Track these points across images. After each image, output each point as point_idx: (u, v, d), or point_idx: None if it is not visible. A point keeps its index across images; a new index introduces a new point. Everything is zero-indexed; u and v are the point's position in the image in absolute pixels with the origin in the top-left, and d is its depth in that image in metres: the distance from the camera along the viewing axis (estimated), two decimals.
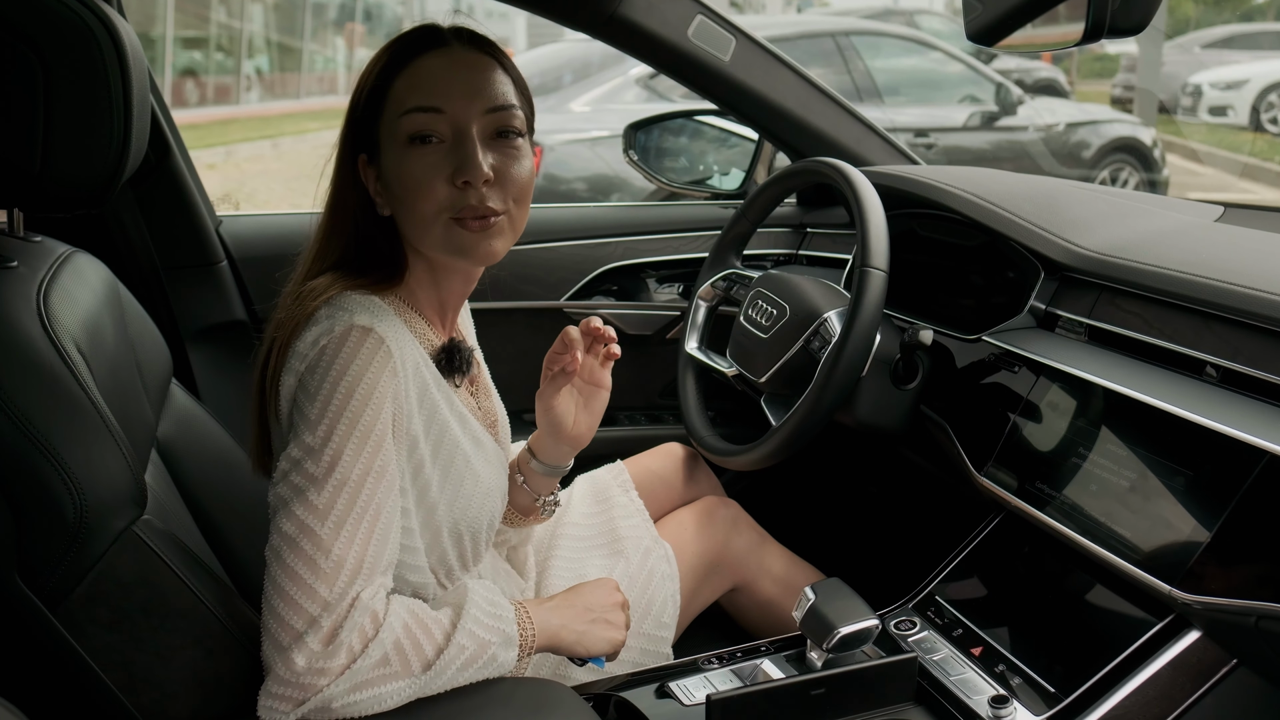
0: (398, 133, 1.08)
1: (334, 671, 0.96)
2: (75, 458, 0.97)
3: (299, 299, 1.10)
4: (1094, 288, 1.37)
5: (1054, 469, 1.26)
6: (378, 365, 1.04)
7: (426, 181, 1.07)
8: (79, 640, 0.99)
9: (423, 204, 1.08)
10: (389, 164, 1.10)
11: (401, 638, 0.99)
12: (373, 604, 0.99)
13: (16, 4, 0.99)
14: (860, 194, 1.44)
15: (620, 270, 2.04)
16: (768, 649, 1.27)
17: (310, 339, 1.04)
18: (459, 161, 1.07)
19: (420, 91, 1.08)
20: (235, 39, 14.66)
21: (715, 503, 1.62)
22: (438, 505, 1.14)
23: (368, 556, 1.00)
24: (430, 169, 1.07)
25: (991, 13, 1.16)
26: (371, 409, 1.02)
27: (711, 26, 1.74)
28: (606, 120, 4.94)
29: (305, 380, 1.03)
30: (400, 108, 1.08)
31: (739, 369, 1.63)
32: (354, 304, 1.07)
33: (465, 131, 1.08)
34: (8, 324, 1.00)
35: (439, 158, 1.08)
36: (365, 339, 1.04)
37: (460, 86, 1.09)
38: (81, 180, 1.04)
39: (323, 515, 0.99)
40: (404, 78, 1.09)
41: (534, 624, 1.12)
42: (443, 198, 1.08)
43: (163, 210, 1.76)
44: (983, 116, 6.01)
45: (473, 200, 1.08)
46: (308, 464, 1.01)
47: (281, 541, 1.00)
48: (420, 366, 1.11)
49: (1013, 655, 1.20)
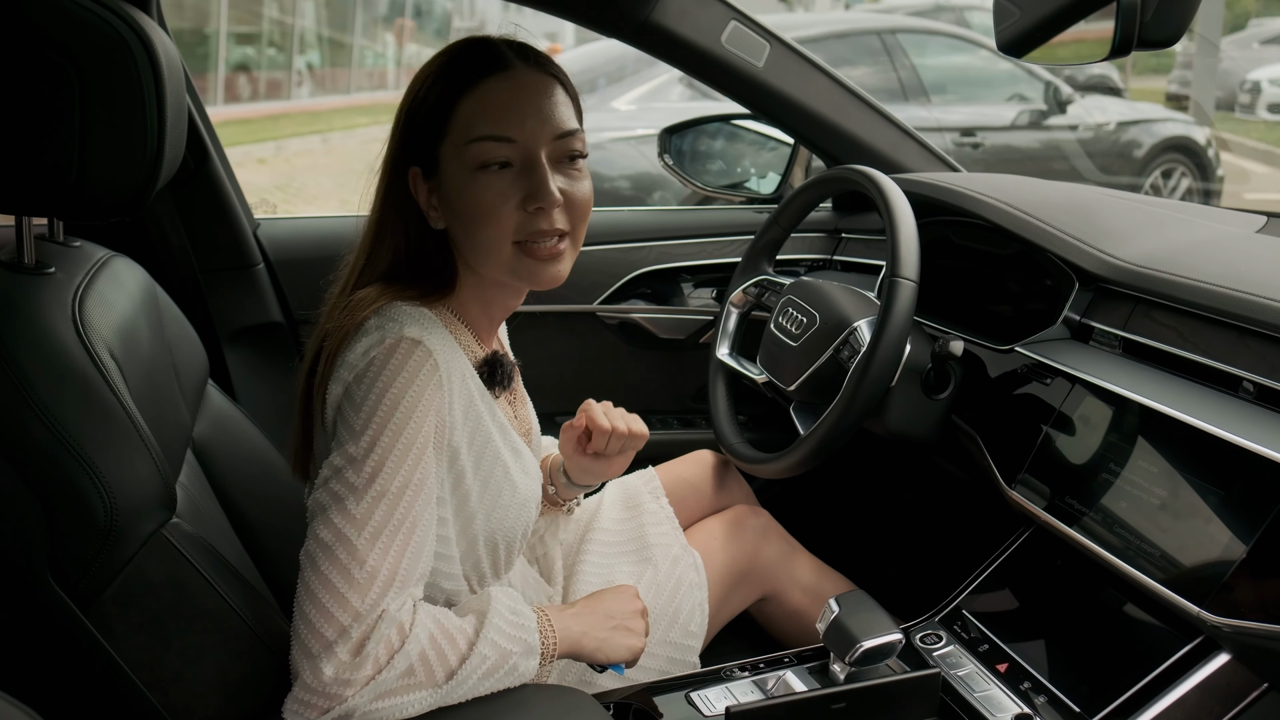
0: (465, 158, 1.08)
1: (359, 682, 0.97)
2: (106, 462, 1.00)
3: (348, 309, 1.10)
4: (1129, 299, 1.35)
5: (1085, 484, 1.24)
6: (424, 378, 1.04)
7: (496, 208, 1.08)
8: (109, 640, 1.02)
9: (491, 230, 1.09)
10: (453, 185, 1.10)
11: (427, 648, 1.00)
12: (400, 616, 1.00)
13: (52, 15, 1.01)
14: (891, 202, 1.43)
15: (654, 274, 2.04)
16: (791, 660, 1.27)
17: (360, 349, 1.05)
18: (531, 188, 1.08)
19: (490, 119, 1.08)
20: (287, 34, 14.82)
21: (745, 512, 1.62)
22: (476, 515, 1.15)
23: (400, 569, 1.01)
24: (499, 195, 1.08)
25: (1023, 23, 1.15)
26: (415, 421, 1.03)
27: (745, 32, 1.74)
28: (651, 118, 4.94)
29: (352, 390, 1.04)
30: (468, 134, 1.08)
31: (769, 376, 1.63)
32: (404, 315, 1.08)
33: (535, 159, 1.09)
34: (43, 330, 1.02)
35: (508, 184, 1.09)
36: (414, 351, 1.05)
37: (529, 114, 1.09)
38: (116, 188, 1.06)
39: (360, 525, 1.00)
40: (470, 102, 1.09)
41: (555, 632, 1.13)
42: (511, 223, 1.09)
43: (201, 214, 1.79)
44: (1031, 115, 5.92)
45: (543, 225, 1.09)
46: (349, 473, 1.01)
47: (317, 548, 1.00)
48: (466, 379, 1.12)
49: (1038, 673, 1.19)
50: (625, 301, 2.04)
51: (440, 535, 1.12)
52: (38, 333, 1.02)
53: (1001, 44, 1.18)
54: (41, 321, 1.03)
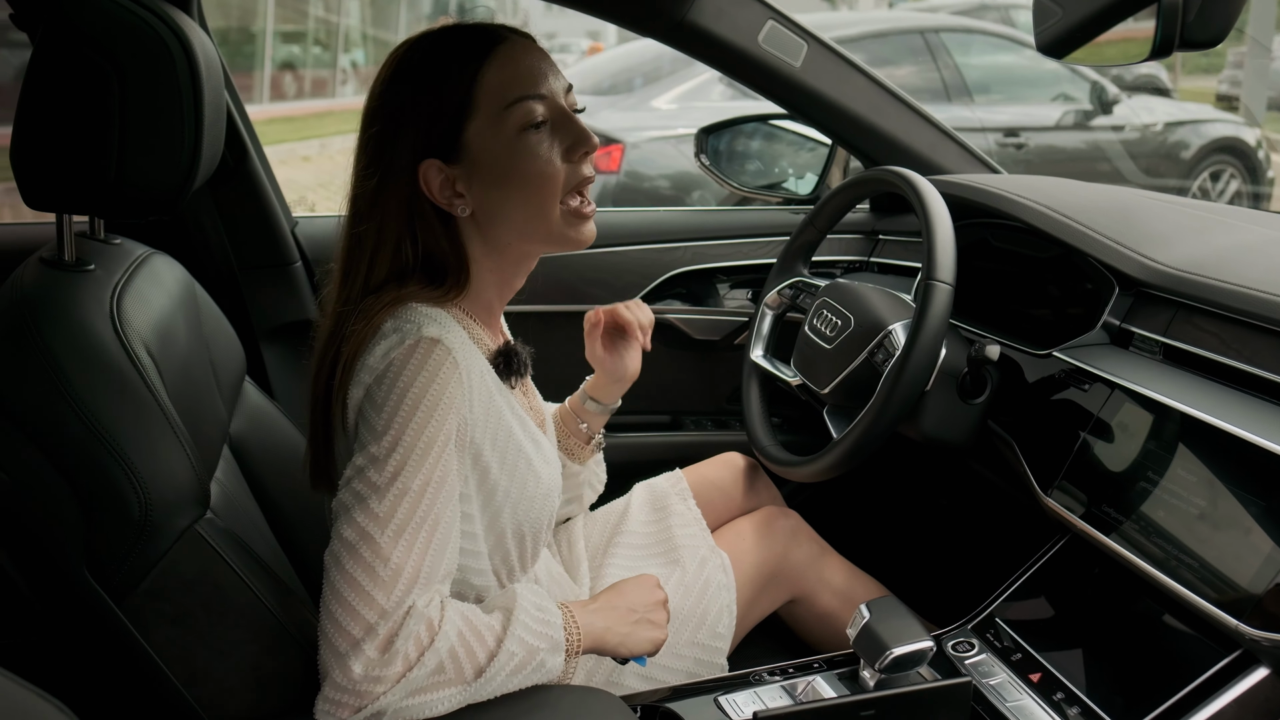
0: (507, 125, 1.10)
1: (390, 679, 0.97)
2: (141, 457, 1.01)
3: (362, 314, 1.10)
4: (1170, 305, 1.32)
5: (1122, 492, 1.22)
6: (444, 377, 1.05)
7: (548, 164, 1.11)
8: (142, 633, 1.03)
9: (546, 188, 1.12)
10: (494, 157, 1.10)
11: (456, 645, 1.00)
12: (428, 612, 1.00)
13: (93, 16, 1.02)
14: (927, 204, 1.42)
15: (689, 275, 2.03)
16: (820, 666, 1.26)
17: (380, 352, 1.06)
18: (573, 136, 1.12)
19: (520, 81, 1.11)
20: (332, 33, 14.96)
21: (774, 513, 1.61)
22: (503, 508, 1.15)
23: (425, 566, 1.01)
24: (547, 153, 1.11)
25: (1065, 24, 1.13)
26: (436, 420, 1.03)
27: (782, 32, 1.72)
28: (692, 117, 4.93)
29: (373, 391, 1.05)
30: (504, 99, 1.10)
31: (803, 379, 1.62)
32: (421, 316, 1.08)
33: (564, 110, 1.13)
34: (81, 327, 1.04)
35: (550, 140, 1.12)
36: (433, 350, 1.05)
37: (547, 70, 1.13)
38: (154, 187, 1.07)
39: (383, 523, 1.00)
40: (493, 71, 1.10)
41: (580, 627, 1.13)
42: (563, 176, 1.12)
43: (240, 212, 1.80)
44: (1076, 116, 5.84)
45: (587, 171, 1.14)
46: (371, 472, 1.02)
47: (341, 547, 1.01)
48: (484, 375, 1.12)
49: (1072, 684, 1.17)
50: (660, 302, 2.03)
51: (467, 532, 1.12)
52: (76, 329, 1.03)
53: (1041, 45, 1.16)
54: (80, 318, 1.04)
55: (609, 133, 4.81)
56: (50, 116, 1.04)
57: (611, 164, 4.78)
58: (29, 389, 1.00)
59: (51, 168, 1.04)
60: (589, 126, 1.15)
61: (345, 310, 1.13)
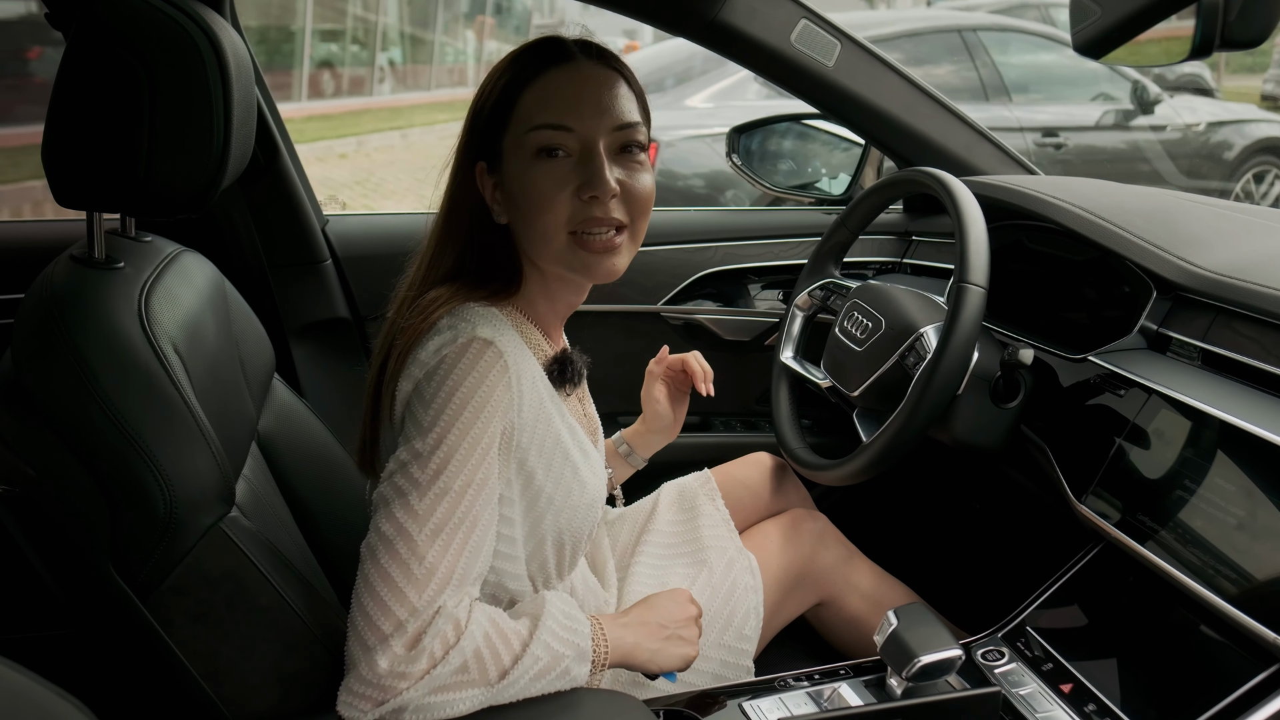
0: (524, 146, 1.10)
1: (414, 676, 0.97)
2: (166, 455, 1.01)
3: (419, 308, 1.11)
4: (1209, 309, 1.30)
5: (1158, 500, 1.19)
6: (494, 379, 1.05)
7: (550, 194, 1.09)
8: (167, 630, 1.03)
9: (545, 216, 1.10)
10: (512, 174, 1.11)
11: (481, 646, 1.00)
12: (456, 613, 1.00)
13: (124, 15, 1.03)
14: (961, 206, 1.40)
15: (719, 275, 2.02)
16: (847, 673, 1.24)
17: (432, 348, 1.06)
18: (586, 176, 1.09)
19: (550, 109, 1.09)
20: (370, 31, 15.06)
21: (803, 515, 1.59)
22: (545, 515, 1.15)
23: (459, 567, 1.01)
24: (555, 183, 1.09)
25: (1103, 23, 1.11)
26: (482, 421, 1.03)
27: (815, 31, 1.71)
28: (726, 116, 4.90)
29: (422, 387, 1.05)
30: (528, 122, 1.10)
31: (833, 381, 1.60)
32: (476, 316, 1.09)
33: (592, 148, 1.10)
34: (109, 325, 1.04)
35: (565, 171, 1.09)
36: (485, 352, 1.05)
37: (589, 104, 1.10)
38: (183, 185, 1.08)
39: (422, 521, 1.00)
40: (532, 92, 1.10)
41: (608, 641, 1.12)
42: (565, 211, 1.10)
43: (271, 210, 1.81)
44: (1117, 115, 5.76)
45: (597, 213, 1.10)
46: (414, 468, 1.02)
47: (378, 541, 1.01)
48: (536, 381, 1.12)
49: (1104, 695, 1.15)
50: (690, 302, 2.02)
51: (506, 535, 1.12)
52: (104, 327, 1.04)
53: (1078, 45, 1.14)
54: (108, 316, 1.05)
55: None
56: (81, 115, 1.04)
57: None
58: (57, 386, 1.00)
59: (82, 166, 1.05)
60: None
61: (405, 301, 1.15)
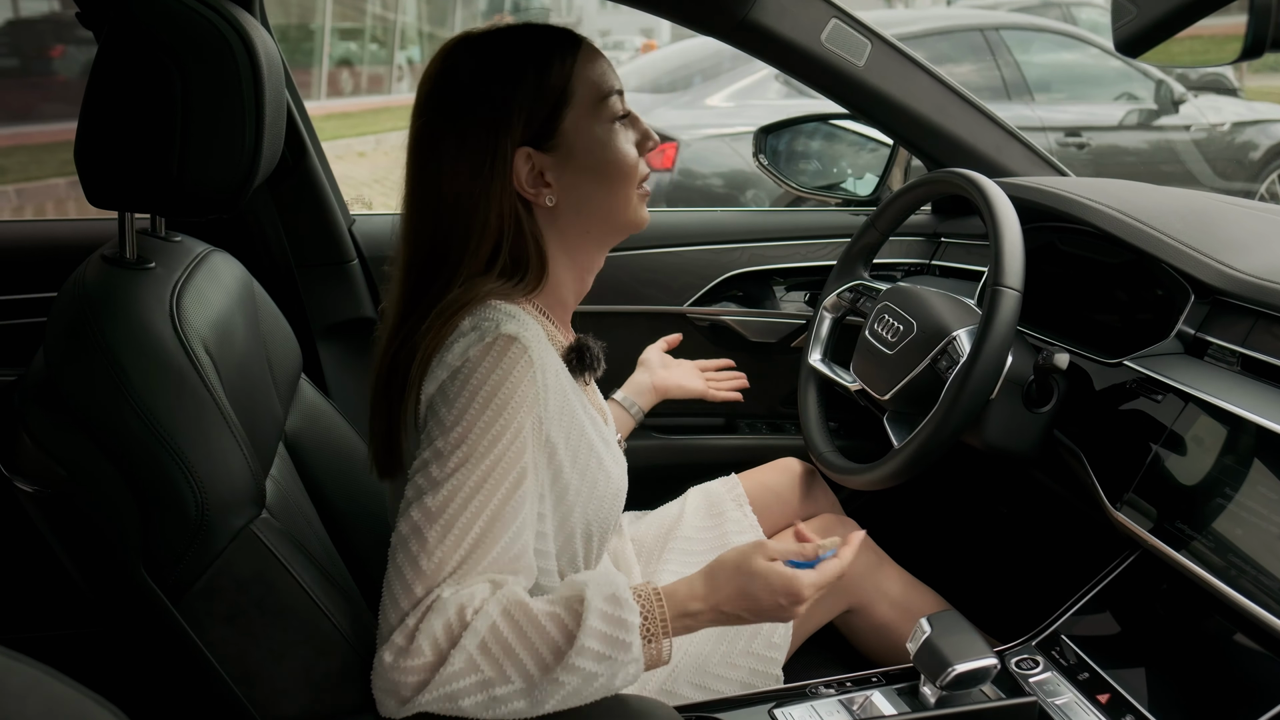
0: (602, 116, 1.14)
1: (416, 670, 0.95)
2: (198, 457, 1.01)
3: (440, 311, 1.09)
4: (1249, 314, 1.28)
5: (1196, 508, 1.18)
6: (518, 374, 1.04)
7: (632, 155, 1.17)
8: (198, 633, 1.03)
9: (630, 178, 1.17)
10: (588, 146, 1.14)
11: (487, 639, 0.96)
12: (459, 599, 0.97)
13: (157, 15, 1.03)
14: (995, 208, 1.38)
15: (746, 276, 2.01)
16: (879, 680, 1.23)
17: (458, 350, 1.05)
18: (642, 132, 1.19)
19: (608, 76, 1.16)
20: (389, 30, 15.12)
21: (832, 521, 1.58)
22: (575, 507, 1.14)
23: (469, 559, 0.99)
24: (630, 143, 1.17)
25: (1141, 21, 1.09)
26: (505, 417, 1.03)
27: (846, 30, 1.69)
28: (746, 115, 4.89)
29: (446, 387, 1.04)
30: (600, 91, 1.14)
31: (862, 384, 1.59)
32: (500, 314, 1.08)
33: (629, 109, 1.19)
34: (142, 325, 1.04)
35: (629, 132, 1.17)
36: (510, 348, 1.04)
37: (615, 71, 1.18)
38: (215, 185, 1.07)
39: (434, 517, 1.00)
40: (585, 65, 1.14)
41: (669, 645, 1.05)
42: (641, 166, 1.18)
43: (298, 210, 1.81)
44: (1141, 115, 5.71)
45: (648, 165, 1.21)
46: (433, 467, 1.01)
47: (397, 540, 1.01)
48: (559, 373, 1.11)
49: (1142, 705, 1.13)
50: (716, 303, 2.01)
51: (540, 532, 1.11)
52: (136, 327, 1.03)
53: (1118, 43, 1.12)
54: (140, 316, 1.05)
55: (664, 130, 4.79)
56: (114, 115, 1.04)
57: (666, 162, 4.76)
58: (89, 386, 1.00)
59: (115, 166, 1.05)
60: None
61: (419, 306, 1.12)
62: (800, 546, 1.08)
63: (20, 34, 10.03)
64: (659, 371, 1.67)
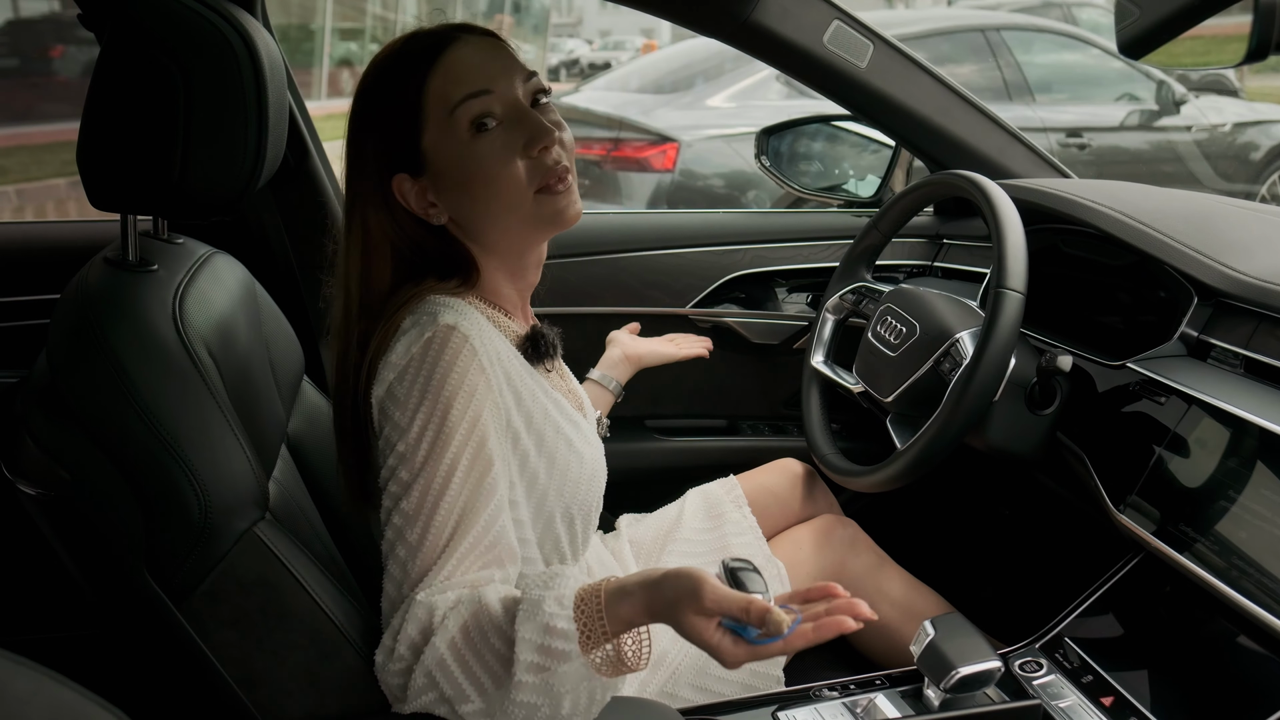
0: (455, 129, 1.08)
1: (401, 673, 0.98)
2: (202, 460, 1.01)
3: (383, 316, 1.10)
4: (1253, 316, 1.27)
5: (1200, 510, 1.18)
6: (463, 363, 1.04)
7: (504, 164, 1.09)
8: (201, 636, 1.03)
9: (507, 188, 1.09)
10: (449, 163, 1.09)
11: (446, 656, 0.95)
12: (430, 602, 0.97)
13: (159, 16, 1.02)
14: (998, 210, 1.38)
15: (748, 278, 2.01)
16: (883, 683, 1.23)
17: (400, 349, 1.06)
18: (528, 132, 1.09)
19: (464, 81, 1.08)
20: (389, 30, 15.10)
21: (833, 522, 1.58)
22: (548, 492, 1.14)
23: (446, 555, 1.00)
24: (501, 151, 1.08)
25: (1141, 24, 1.09)
26: (459, 408, 1.03)
27: (848, 32, 1.69)
28: (748, 116, 4.88)
29: (394, 388, 1.05)
30: (448, 103, 1.08)
31: (865, 386, 1.58)
32: (438, 307, 1.08)
33: (517, 103, 1.10)
34: (145, 328, 1.04)
35: (504, 138, 1.09)
36: (450, 338, 1.05)
37: (495, 65, 1.10)
38: (217, 188, 1.07)
39: (413, 520, 1.01)
40: (437, 77, 1.08)
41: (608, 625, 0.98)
42: (524, 174, 1.09)
43: (300, 211, 1.80)
44: (1142, 116, 5.70)
45: (549, 162, 1.10)
46: (402, 470, 1.03)
47: (386, 547, 1.04)
48: (509, 359, 1.12)
49: (1146, 708, 1.13)
50: (718, 305, 2.01)
51: (515, 520, 1.11)
52: (140, 330, 1.03)
53: (1121, 45, 1.12)
54: (143, 319, 1.04)
55: (665, 131, 4.79)
56: (116, 117, 1.04)
57: (667, 163, 4.76)
58: (93, 390, 1.00)
59: (117, 168, 1.05)
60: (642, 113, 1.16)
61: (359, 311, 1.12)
62: (745, 604, 0.89)
63: (20, 34, 10.03)
64: (629, 344, 1.65)
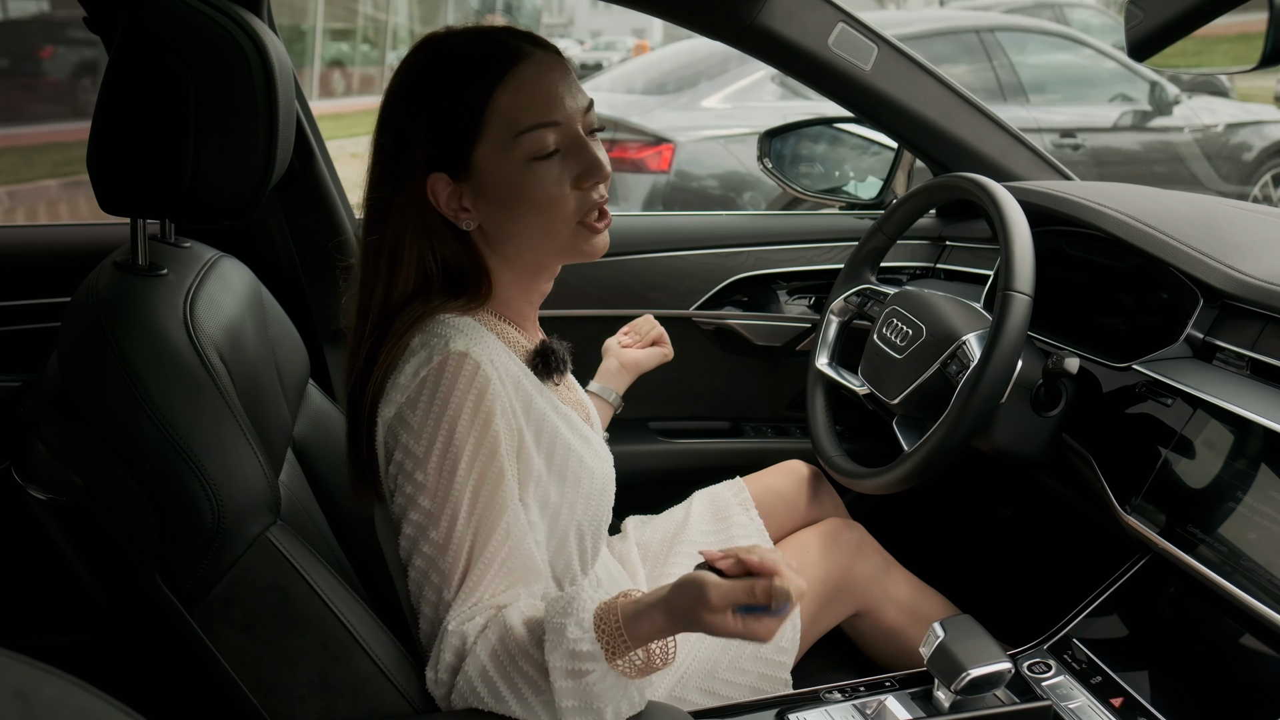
0: (516, 153, 1.07)
1: (441, 698, 1.04)
2: (214, 464, 1.00)
3: (391, 333, 1.10)
4: (1258, 318, 1.28)
5: (1206, 511, 1.18)
6: (477, 391, 1.04)
7: (556, 194, 1.09)
8: (213, 640, 1.02)
9: (553, 216, 1.09)
10: (501, 181, 1.08)
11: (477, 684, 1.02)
12: (464, 629, 1.03)
13: (170, 20, 1.02)
14: (1005, 212, 1.38)
15: (751, 280, 2.01)
16: (892, 685, 1.23)
17: (410, 371, 1.05)
18: (584, 166, 1.09)
19: (532, 107, 1.07)
20: (380, 31, 15.08)
21: (839, 524, 1.58)
22: (560, 510, 1.14)
23: (484, 585, 1.04)
24: (555, 182, 1.09)
25: (1147, 25, 1.10)
26: (475, 436, 1.04)
27: (853, 34, 1.69)
28: (742, 117, 4.88)
29: (405, 414, 1.05)
30: (514, 127, 1.07)
31: (871, 388, 1.59)
32: (448, 329, 1.08)
33: (579, 137, 1.10)
34: (157, 332, 1.03)
35: (559, 168, 1.09)
36: (463, 365, 1.04)
37: (563, 94, 1.09)
38: (228, 191, 1.07)
39: (442, 549, 1.04)
40: (506, 95, 1.07)
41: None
42: (572, 206, 1.10)
43: (305, 214, 1.80)
44: (1135, 116, 5.72)
45: (596, 198, 1.10)
46: (423, 499, 1.04)
47: (418, 575, 1.06)
48: (521, 379, 1.11)
49: (1156, 709, 1.14)
50: (721, 307, 2.01)
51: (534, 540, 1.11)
52: (151, 334, 1.03)
53: (1130, 47, 1.13)
54: (155, 323, 1.04)
55: (660, 132, 4.78)
56: (127, 121, 1.03)
57: (662, 164, 4.76)
58: (105, 395, 0.99)
59: (128, 173, 1.04)
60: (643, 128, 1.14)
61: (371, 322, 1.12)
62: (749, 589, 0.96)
63: (9, 35, 9.99)
64: (624, 352, 1.61)
